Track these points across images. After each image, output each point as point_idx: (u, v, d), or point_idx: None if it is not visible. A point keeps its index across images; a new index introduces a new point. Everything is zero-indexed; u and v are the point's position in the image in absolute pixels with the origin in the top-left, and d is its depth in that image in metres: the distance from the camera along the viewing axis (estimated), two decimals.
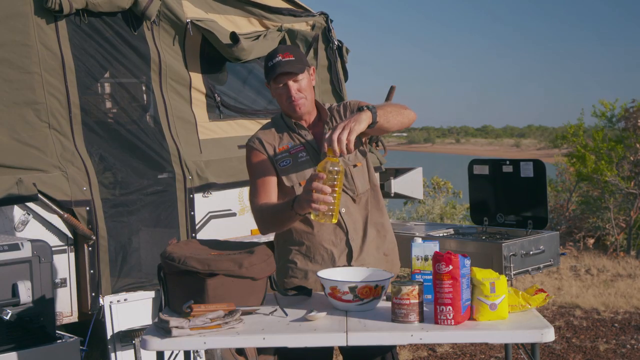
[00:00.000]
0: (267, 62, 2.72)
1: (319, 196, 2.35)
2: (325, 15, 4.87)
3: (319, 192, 2.35)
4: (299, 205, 2.45)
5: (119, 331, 3.54)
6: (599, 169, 11.10)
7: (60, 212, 3.41)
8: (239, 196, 4.21)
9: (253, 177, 2.76)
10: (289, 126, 2.79)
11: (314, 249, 2.74)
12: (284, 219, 2.60)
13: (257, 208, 2.68)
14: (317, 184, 2.35)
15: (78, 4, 3.54)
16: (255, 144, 2.76)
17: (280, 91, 2.71)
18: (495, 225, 4.77)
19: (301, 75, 2.69)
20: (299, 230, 2.75)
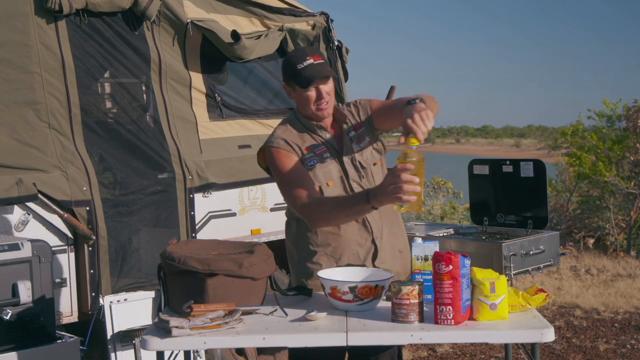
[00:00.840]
0: (296, 64, 2.66)
1: (408, 187, 2.29)
2: (326, 15, 4.87)
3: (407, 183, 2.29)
4: (380, 197, 2.38)
5: (119, 331, 3.55)
6: (597, 169, 11.11)
7: (60, 212, 3.41)
8: (239, 196, 4.21)
9: (290, 174, 2.66)
10: (308, 127, 2.76)
11: (340, 250, 2.72)
12: (352, 213, 2.54)
13: (312, 202, 2.58)
14: (407, 175, 2.29)
15: (78, 4, 3.54)
16: (281, 144, 2.70)
17: (309, 94, 2.67)
18: (495, 225, 4.77)
19: (330, 78, 2.69)
20: (324, 231, 2.72)
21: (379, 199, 2.40)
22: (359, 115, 2.83)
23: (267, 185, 4.33)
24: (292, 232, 2.84)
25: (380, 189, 2.39)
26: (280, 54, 4.65)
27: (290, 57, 2.73)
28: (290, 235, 2.86)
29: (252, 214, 4.27)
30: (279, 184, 2.73)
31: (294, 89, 2.72)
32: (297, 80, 2.67)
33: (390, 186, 2.32)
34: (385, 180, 2.37)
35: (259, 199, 4.31)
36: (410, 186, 2.29)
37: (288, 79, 2.73)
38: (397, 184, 2.30)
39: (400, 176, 2.29)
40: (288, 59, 2.73)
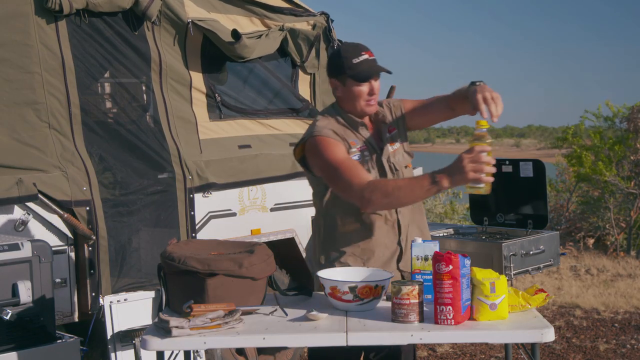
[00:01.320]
0: (352, 58, 2.66)
1: (487, 168, 2.36)
2: (326, 15, 4.87)
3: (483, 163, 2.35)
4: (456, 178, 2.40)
5: (119, 331, 3.54)
6: (597, 169, 11.11)
7: (60, 212, 3.41)
8: (239, 196, 4.21)
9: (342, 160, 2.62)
10: (350, 124, 2.76)
11: (369, 251, 2.73)
12: (416, 195, 2.53)
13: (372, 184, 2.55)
14: (486, 156, 2.35)
15: (78, 4, 3.54)
16: (330, 134, 2.68)
17: (361, 89, 2.68)
18: (495, 225, 4.77)
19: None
20: (354, 233, 2.72)
21: (454, 179, 2.41)
22: (392, 116, 2.84)
23: (267, 185, 4.33)
24: (320, 232, 2.82)
25: (456, 169, 2.40)
26: (281, 54, 4.65)
27: (344, 51, 2.71)
28: (318, 235, 2.83)
29: (252, 214, 4.27)
30: (328, 171, 2.66)
31: (344, 83, 2.70)
32: (352, 74, 2.67)
33: (469, 166, 2.36)
34: (461, 161, 2.38)
35: (259, 199, 4.31)
36: (490, 167, 2.36)
37: (339, 73, 2.71)
38: (478, 165, 2.35)
39: (481, 157, 2.35)
40: (340, 53, 2.71)
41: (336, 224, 2.75)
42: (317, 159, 2.68)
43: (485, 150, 2.37)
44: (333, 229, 2.76)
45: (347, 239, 2.73)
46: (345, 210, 2.73)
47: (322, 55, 4.79)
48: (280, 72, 4.68)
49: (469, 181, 2.38)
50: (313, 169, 2.75)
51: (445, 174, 2.42)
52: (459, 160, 2.38)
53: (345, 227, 2.74)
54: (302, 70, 4.77)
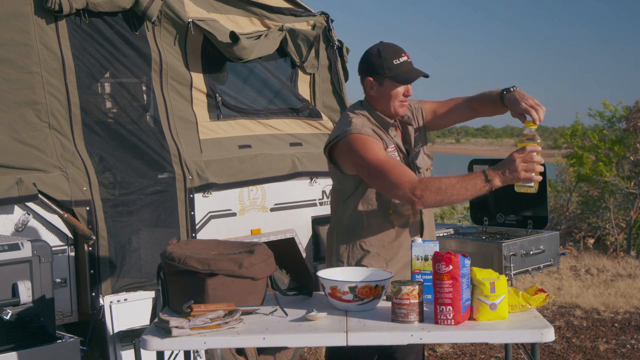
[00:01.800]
0: (392, 59, 2.68)
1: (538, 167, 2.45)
2: (326, 15, 4.87)
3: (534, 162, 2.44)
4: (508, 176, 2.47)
5: (119, 331, 3.54)
6: (597, 169, 11.11)
7: (60, 212, 3.41)
8: (239, 196, 4.21)
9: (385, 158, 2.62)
10: (381, 124, 2.77)
11: (393, 251, 2.75)
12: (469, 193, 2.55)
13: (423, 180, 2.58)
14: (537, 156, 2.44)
15: (78, 4, 3.54)
16: (369, 132, 2.69)
17: (398, 91, 2.70)
18: (495, 225, 4.77)
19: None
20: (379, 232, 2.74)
21: (506, 177, 2.48)
22: (417, 122, 2.88)
23: (267, 185, 4.33)
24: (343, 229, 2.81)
25: (508, 167, 2.47)
26: (280, 54, 4.66)
27: (384, 51, 2.71)
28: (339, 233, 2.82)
29: (252, 214, 4.27)
30: (369, 169, 2.63)
31: (381, 83, 2.71)
32: (391, 75, 2.68)
33: (522, 165, 2.44)
34: (514, 161, 2.45)
35: (259, 199, 4.31)
36: (539, 167, 2.45)
37: (377, 72, 2.71)
38: (529, 163, 2.43)
39: (534, 157, 2.43)
40: (380, 53, 2.71)
41: (362, 223, 2.75)
42: (355, 157, 2.66)
43: (536, 150, 2.46)
44: (359, 227, 2.76)
45: (372, 238, 2.75)
46: (372, 210, 2.75)
47: (321, 56, 4.79)
48: (280, 72, 4.68)
49: (520, 180, 2.47)
50: (344, 166, 2.73)
51: (497, 172, 2.48)
52: (512, 160, 2.46)
53: (371, 226, 2.74)
54: (301, 70, 4.77)
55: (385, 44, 2.75)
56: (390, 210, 2.73)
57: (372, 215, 2.74)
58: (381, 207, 2.72)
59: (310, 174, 4.53)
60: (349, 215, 2.77)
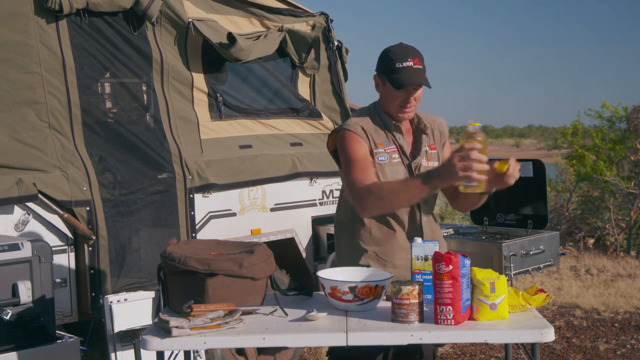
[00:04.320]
0: (396, 61, 2.64)
1: (478, 166, 2.32)
2: (326, 15, 4.87)
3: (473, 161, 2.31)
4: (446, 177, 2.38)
5: (119, 331, 3.54)
6: (598, 168, 11.11)
7: (60, 212, 3.41)
8: (239, 196, 4.21)
9: (357, 159, 2.64)
10: (385, 124, 2.75)
11: (391, 254, 2.74)
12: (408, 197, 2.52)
13: (368, 186, 2.57)
14: (476, 154, 2.31)
15: (79, 4, 3.54)
16: (358, 130, 2.69)
17: (397, 94, 2.66)
18: (495, 225, 4.77)
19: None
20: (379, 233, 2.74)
21: (445, 178, 2.39)
22: (438, 140, 2.84)
23: (267, 185, 4.33)
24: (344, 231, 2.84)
25: (446, 168, 2.39)
26: (280, 54, 4.66)
27: (392, 52, 2.69)
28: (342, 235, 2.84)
29: (252, 214, 4.27)
30: (343, 166, 2.69)
31: (384, 83, 2.69)
32: (390, 77, 2.65)
33: (459, 164, 2.33)
34: (451, 160, 2.36)
35: (259, 199, 4.31)
36: (480, 165, 2.32)
37: (382, 72, 2.70)
38: (467, 162, 2.31)
39: (471, 155, 2.31)
40: (388, 54, 2.69)
41: (361, 222, 2.76)
42: (340, 151, 2.72)
43: (476, 147, 2.33)
44: (358, 226, 2.77)
45: (370, 237, 2.75)
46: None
47: (321, 56, 4.79)
48: (280, 73, 4.69)
49: (459, 180, 2.36)
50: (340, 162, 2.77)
51: (436, 173, 2.43)
52: (450, 159, 2.37)
53: (370, 226, 2.75)
54: (301, 71, 4.77)
55: (400, 45, 2.72)
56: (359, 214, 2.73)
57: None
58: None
59: (310, 174, 4.54)
60: (350, 215, 2.79)
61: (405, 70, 2.62)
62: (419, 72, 2.63)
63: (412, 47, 2.71)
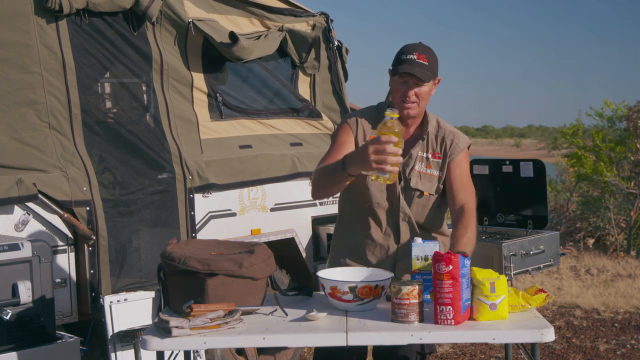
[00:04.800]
0: (401, 54, 2.69)
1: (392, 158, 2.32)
2: (326, 15, 4.87)
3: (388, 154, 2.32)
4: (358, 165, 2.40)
5: (119, 331, 3.54)
6: (598, 169, 11.11)
7: (60, 212, 3.41)
8: (239, 196, 4.21)
9: (332, 148, 2.75)
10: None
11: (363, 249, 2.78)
12: (333, 181, 2.55)
13: (317, 169, 2.68)
14: (392, 147, 2.31)
15: (79, 4, 3.54)
16: (351, 121, 2.79)
17: (399, 86, 2.70)
18: (495, 225, 4.77)
19: (426, 83, 2.68)
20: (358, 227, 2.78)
21: (357, 165, 2.41)
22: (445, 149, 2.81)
23: (267, 185, 4.33)
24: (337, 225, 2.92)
25: (360, 157, 2.39)
26: (280, 54, 4.65)
27: (404, 46, 2.74)
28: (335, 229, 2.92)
29: (252, 214, 4.27)
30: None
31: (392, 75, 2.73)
32: (393, 65, 2.71)
33: (373, 157, 2.33)
34: (367, 149, 2.36)
35: (259, 199, 4.31)
36: (395, 158, 2.32)
37: (392, 64, 2.75)
38: (382, 154, 2.32)
39: (386, 147, 2.31)
40: (401, 48, 2.74)
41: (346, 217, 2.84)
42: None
43: (392, 140, 2.32)
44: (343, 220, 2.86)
45: (352, 233, 2.79)
46: (354, 203, 2.81)
47: (321, 56, 4.79)
48: (280, 73, 4.69)
49: (372, 170, 2.37)
50: None
51: (353, 160, 2.44)
52: (364, 149, 2.37)
53: (352, 221, 2.80)
54: (302, 71, 4.77)
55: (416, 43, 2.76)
56: (366, 205, 2.77)
57: (354, 209, 2.81)
58: (360, 200, 2.76)
59: (310, 174, 4.53)
60: (341, 208, 2.90)
61: (407, 61, 2.66)
62: (419, 65, 2.65)
63: (427, 47, 2.74)
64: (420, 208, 2.79)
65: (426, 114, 2.82)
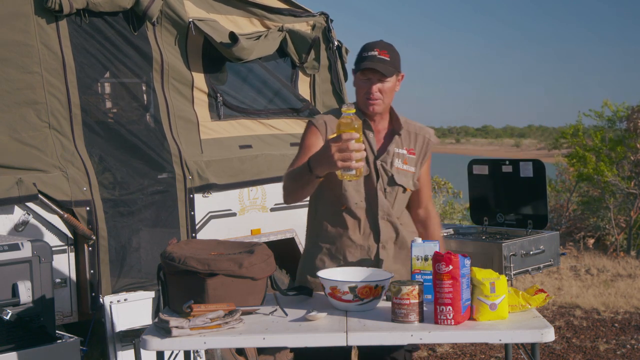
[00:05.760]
0: (362, 52, 2.69)
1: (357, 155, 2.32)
2: (326, 15, 4.87)
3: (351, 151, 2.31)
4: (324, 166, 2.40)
5: (119, 331, 3.54)
6: (599, 169, 11.12)
7: (60, 212, 3.41)
8: (239, 196, 4.21)
9: (301, 152, 2.73)
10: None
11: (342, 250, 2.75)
12: (302, 184, 2.55)
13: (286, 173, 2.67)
14: (354, 144, 2.31)
15: (79, 4, 3.54)
16: (318, 123, 2.75)
17: (362, 84, 2.69)
18: (495, 225, 4.77)
19: (389, 78, 2.68)
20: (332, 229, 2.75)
21: (323, 166, 2.41)
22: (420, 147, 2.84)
23: (267, 185, 4.33)
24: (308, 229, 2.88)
25: (323, 157, 2.39)
26: (280, 54, 4.66)
27: (365, 44, 2.75)
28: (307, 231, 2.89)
29: (252, 214, 4.27)
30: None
31: (355, 74, 2.73)
32: (355, 64, 2.71)
33: (337, 155, 2.33)
34: (328, 149, 2.36)
35: (259, 199, 4.31)
36: (359, 154, 2.32)
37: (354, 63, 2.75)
38: (346, 152, 2.31)
39: (349, 145, 2.31)
40: (362, 46, 2.75)
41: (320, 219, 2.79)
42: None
43: (353, 137, 2.31)
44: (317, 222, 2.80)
45: (327, 235, 2.76)
46: (328, 206, 2.77)
47: (321, 56, 4.79)
48: (280, 73, 4.69)
49: (337, 169, 2.36)
50: None
51: (318, 161, 2.43)
52: (327, 149, 2.37)
53: (327, 224, 2.76)
54: (302, 71, 4.78)
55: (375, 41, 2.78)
56: (343, 207, 2.74)
57: (329, 211, 2.77)
58: (336, 202, 2.73)
59: None
60: (313, 211, 2.84)
61: (369, 57, 2.66)
62: (380, 61, 2.65)
63: (388, 44, 2.75)
64: (400, 204, 2.81)
65: (393, 110, 2.82)
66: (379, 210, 2.74)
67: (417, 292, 2.24)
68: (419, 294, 2.25)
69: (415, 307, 2.24)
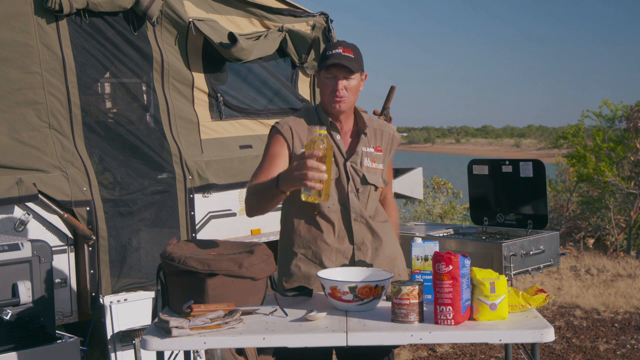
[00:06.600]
0: (327, 50, 2.68)
1: (314, 174, 2.25)
2: (326, 15, 4.87)
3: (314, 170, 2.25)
4: (287, 182, 2.36)
5: (119, 331, 3.55)
6: (599, 169, 11.12)
7: (60, 212, 3.41)
8: (239, 196, 4.21)
9: (264, 160, 2.67)
10: (322, 122, 2.74)
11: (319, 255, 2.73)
12: (268, 199, 2.50)
13: (250, 186, 2.61)
14: (313, 162, 2.25)
15: (79, 4, 3.54)
16: (283, 129, 2.69)
17: (328, 82, 2.67)
18: (495, 225, 4.77)
19: (354, 75, 2.66)
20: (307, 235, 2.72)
21: (286, 184, 2.37)
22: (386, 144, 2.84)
23: None
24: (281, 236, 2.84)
25: (287, 173, 2.37)
26: (280, 55, 4.66)
27: (327, 44, 2.75)
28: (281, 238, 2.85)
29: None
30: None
31: (320, 74, 2.71)
32: (319, 63, 2.69)
33: (296, 172, 2.29)
34: (292, 166, 2.34)
35: None
36: (317, 173, 2.26)
37: (318, 64, 2.73)
38: (302, 170, 2.26)
39: (307, 162, 2.25)
40: (325, 46, 2.75)
41: (292, 225, 2.75)
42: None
43: (315, 155, 2.25)
44: (290, 228, 2.76)
45: (301, 240, 2.73)
46: (300, 211, 2.74)
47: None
48: (280, 73, 4.69)
49: (297, 186, 2.31)
50: None
51: (284, 177, 2.39)
52: (292, 164, 2.34)
53: (300, 229, 2.73)
54: (301, 71, 4.78)
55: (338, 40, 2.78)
56: (315, 212, 2.71)
57: (300, 217, 2.74)
58: (308, 208, 2.70)
59: None
60: (284, 218, 2.80)
61: (333, 55, 2.64)
62: (345, 57, 2.64)
63: (351, 43, 2.74)
64: (373, 202, 2.80)
65: (357, 110, 2.81)
66: (351, 212, 2.73)
67: (417, 292, 2.24)
68: (419, 294, 2.25)
69: (415, 307, 2.24)
